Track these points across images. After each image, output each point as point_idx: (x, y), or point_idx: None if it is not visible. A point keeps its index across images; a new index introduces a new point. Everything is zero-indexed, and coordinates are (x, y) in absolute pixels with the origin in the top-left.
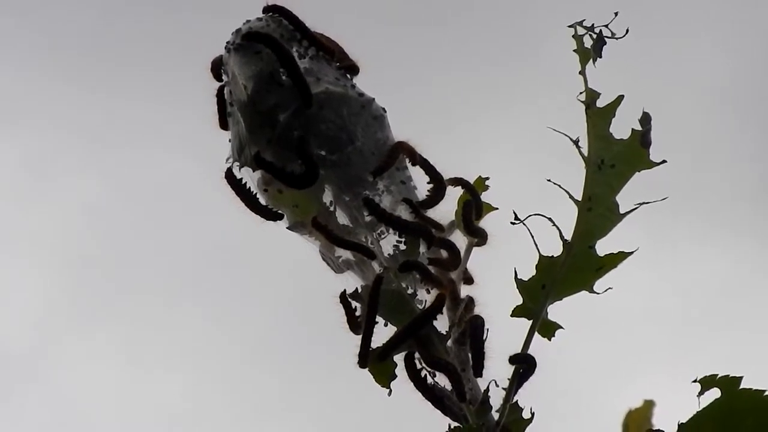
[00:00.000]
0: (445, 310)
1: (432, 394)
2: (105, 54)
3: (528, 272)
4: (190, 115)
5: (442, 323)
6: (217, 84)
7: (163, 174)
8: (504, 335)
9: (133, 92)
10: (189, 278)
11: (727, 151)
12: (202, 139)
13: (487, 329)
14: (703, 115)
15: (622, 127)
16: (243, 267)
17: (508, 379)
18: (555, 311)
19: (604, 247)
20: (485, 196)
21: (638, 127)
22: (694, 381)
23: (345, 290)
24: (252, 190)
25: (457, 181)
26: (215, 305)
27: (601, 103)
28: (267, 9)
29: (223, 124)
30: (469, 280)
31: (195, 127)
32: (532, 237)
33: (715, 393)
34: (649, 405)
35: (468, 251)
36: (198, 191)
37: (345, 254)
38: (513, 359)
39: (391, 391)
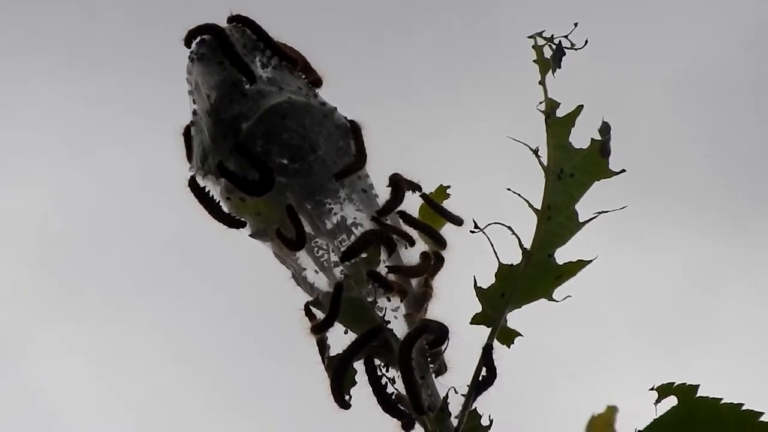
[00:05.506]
0: (405, 315)
1: (389, 402)
2: (81, 42)
3: (487, 280)
4: (165, 104)
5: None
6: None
7: (136, 165)
8: (463, 343)
9: (106, 85)
10: (158, 272)
11: (694, 140)
12: (174, 129)
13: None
14: (667, 107)
15: (582, 136)
16: (214, 260)
17: (468, 385)
18: (515, 317)
19: (566, 250)
20: (446, 205)
21: (597, 137)
22: (651, 389)
23: (308, 301)
24: (215, 198)
25: (420, 194)
26: (185, 299)
27: (561, 112)
28: (231, 19)
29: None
30: (428, 287)
31: (169, 117)
32: (492, 245)
33: (672, 400)
34: (612, 411)
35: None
36: (169, 184)
37: (306, 260)
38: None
39: (350, 397)
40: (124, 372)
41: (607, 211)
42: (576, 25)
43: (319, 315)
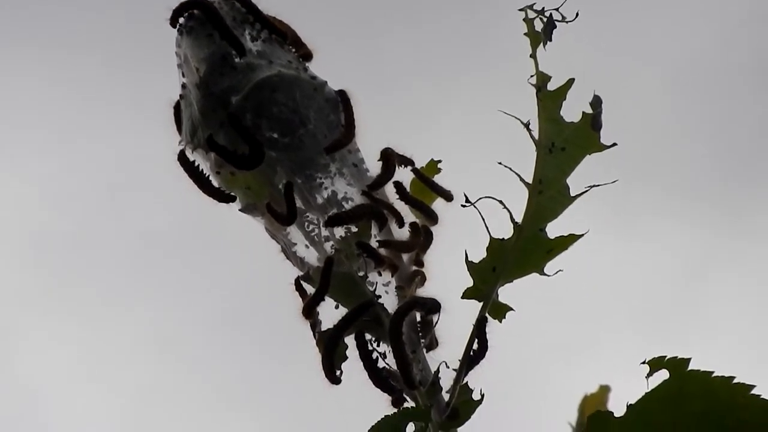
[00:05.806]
0: (396, 290)
1: (380, 377)
2: (74, 36)
3: (479, 255)
4: (151, 96)
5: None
6: None
7: (126, 159)
8: (454, 318)
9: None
10: (148, 265)
11: (687, 129)
12: (164, 122)
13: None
14: (665, 92)
15: (574, 110)
16: (208, 255)
17: (459, 360)
18: (509, 293)
19: (557, 227)
20: (437, 179)
21: (589, 111)
22: (643, 362)
23: (299, 276)
24: (205, 172)
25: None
26: (180, 295)
27: (552, 86)
28: None
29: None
30: (419, 262)
31: (161, 109)
32: (483, 219)
33: (664, 374)
34: (604, 390)
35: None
36: (162, 178)
37: (296, 235)
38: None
39: (341, 372)
40: (119, 370)
41: (598, 185)
42: None
43: (310, 290)
